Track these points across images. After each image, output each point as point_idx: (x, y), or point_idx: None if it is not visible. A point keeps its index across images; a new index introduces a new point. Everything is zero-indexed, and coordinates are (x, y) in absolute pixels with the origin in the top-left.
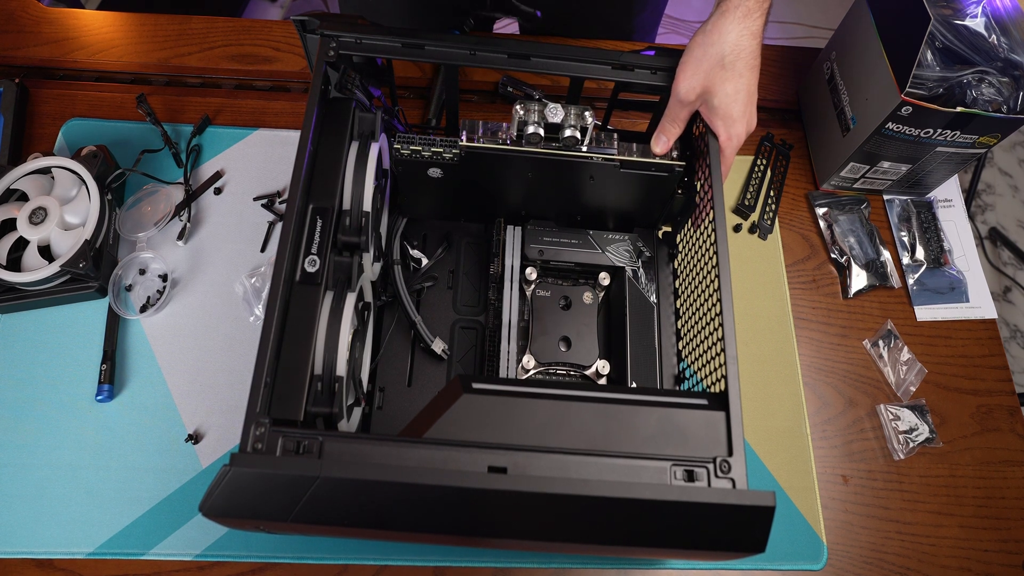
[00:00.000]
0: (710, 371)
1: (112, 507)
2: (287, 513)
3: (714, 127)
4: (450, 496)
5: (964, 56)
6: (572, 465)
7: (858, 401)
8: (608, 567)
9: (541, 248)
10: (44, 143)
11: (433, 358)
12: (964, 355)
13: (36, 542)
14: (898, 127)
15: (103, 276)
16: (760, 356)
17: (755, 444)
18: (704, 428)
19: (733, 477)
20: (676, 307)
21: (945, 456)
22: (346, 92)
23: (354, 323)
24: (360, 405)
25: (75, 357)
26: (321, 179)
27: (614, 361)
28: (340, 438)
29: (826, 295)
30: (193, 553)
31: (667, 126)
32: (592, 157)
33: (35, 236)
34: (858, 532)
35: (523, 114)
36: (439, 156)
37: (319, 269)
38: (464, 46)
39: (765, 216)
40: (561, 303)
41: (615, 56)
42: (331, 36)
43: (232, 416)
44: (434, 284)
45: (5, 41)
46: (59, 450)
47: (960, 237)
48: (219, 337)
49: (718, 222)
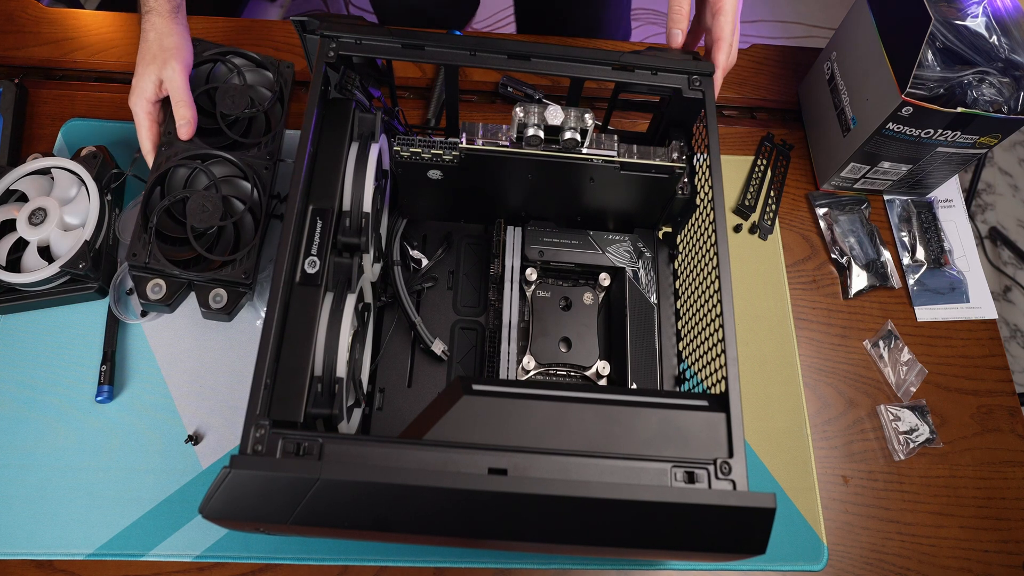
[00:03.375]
0: (710, 372)
1: (112, 508)
2: (287, 515)
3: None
4: (450, 498)
5: (965, 56)
6: (572, 467)
7: (858, 402)
8: (608, 568)
9: (541, 249)
10: (44, 143)
11: (433, 359)
12: (964, 355)
13: (36, 543)
14: (898, 127)
15: (103, 277)
16: (760, 357)
17: (755, 445)
18: (704, 429)
19: (734, 479)
20: (676, 308)
21: (945, 457)
22: (346, 93)
23: (354, 324)
24: (360, 406)
25: (75, 358)
26: (321, 180)
27: (614, 362)
28: (340, 440)
29: (826, 295)
30: (193, 554)
31: (675, 18)
32: (592, 159)
33: (35, 237)
34: (858, 533)
35: (523, 116)
36: (439, 158)
37: (319, 270)
38: (464, 46)
39: (765, 216)
40: (561, 304)
41: (615, 56)
42: (331, 37)
43: (232, 417)
44: (434, 285)
45: (5, 41)
46: (59, 451)
47: (960, 237)
48: (219, 338)
49: (718, 222)
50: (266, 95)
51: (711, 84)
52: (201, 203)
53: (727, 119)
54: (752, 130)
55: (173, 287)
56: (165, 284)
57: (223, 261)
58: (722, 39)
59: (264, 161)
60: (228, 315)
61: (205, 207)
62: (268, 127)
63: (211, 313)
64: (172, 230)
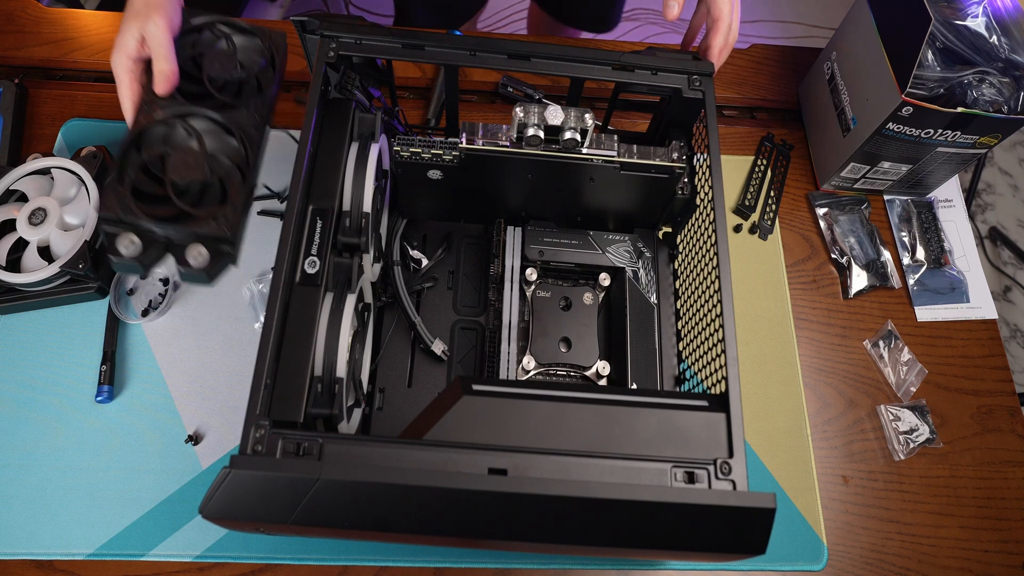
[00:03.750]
0: (710, 372)
1: (112, 508)
2: (287, 515)
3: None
4: (450, 498)
5: (965, 56)
6: (572, 467)
7: (858, 402)
8: (608, 568)
9: (541, 249)
10: (43, 143)
11: (433, 359)
12: (964, 355)
13: (36, 543)
14: (898, 127)
15: (103, 277)
16: (760, 357)
17: (755, 445)
18: (704, 429)
19: (734, 479)
20: (676, 308)
21: (945, 457)
22: (346, 93)
23: (354, 324)
24: (360, 406)
25: (75, 358)
26: (321, 180)
27: (614, 362)
28: (340, 440)
29: (826, 295)
30: (193, 554)
31: None
32: (592, 159)
33: (35, 237)
34: (858, 533)
35: (523, 116)
36: (439, 158)
37: (319, 270)
38: (464, 46)
39: (765, 216)
40: (561, 304)
41: (615, 56)
42: (331, 37)
43: (232, 417)
44: (434, 285)
45: (5, 41)
46: (59, 451)
47: (960, 237)
48: (219, 338)
49: (718, 222)
50: (256, 60)
51: (711, 84)
52: (183, 157)
53: (727, 119)
54: (752, 130)
55: (149, 245)
56: (140, 240)
57: (205, 214)
58: (721, 19)
59: (253, 122)
60: (209, 277)
61: (187, 161)
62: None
63: (191, 274)
64: (152, 188)
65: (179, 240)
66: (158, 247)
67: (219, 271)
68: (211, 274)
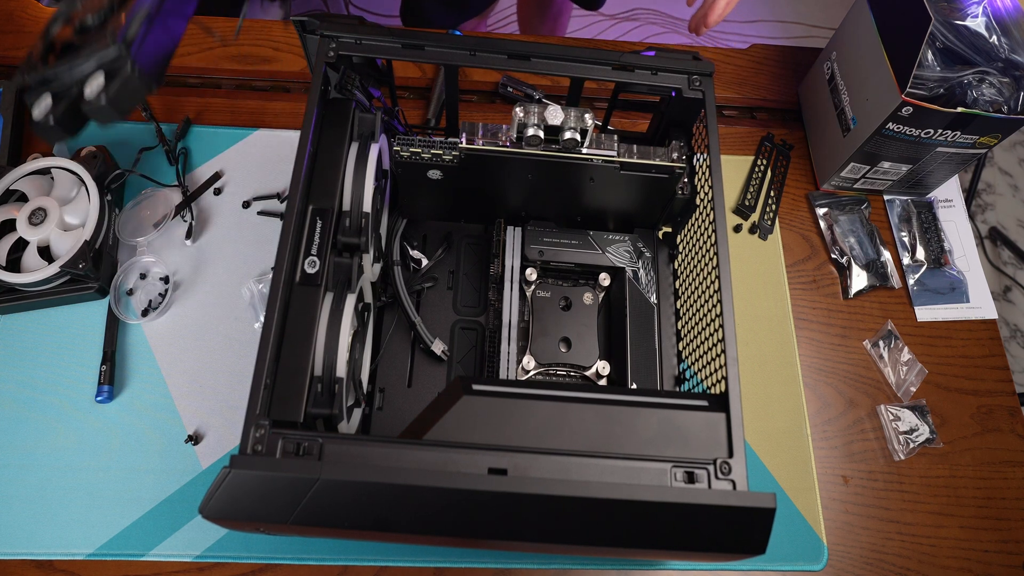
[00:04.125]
0: (710, 372)
1: (112, 508)
2: (287, 515)
3: None
4: (450, 498)
5: (965, 56)
6: (572, 467)
7: (858, 402)
8: (608, 568)
9: (541, 249)
10: (43, 144)
11: (433, 359)
12: (964, 355)
13: (35, 543)
14: (898, 127)
15: (103, 277)
16: (760, 357)
17: (755, 445)
18: (704, 429)
19: (733, 479)
20: (676, 308)
21: (945, 457)
22: (346, 93)
23: (354, 324)
24: (360, 406)
25: (75, 358)
26: (321, 180)
27: (614, 362)
28: (340, 440)
29: (826, 295)
30: (193, 554)
31: None
32: (592, 159)
33: (35, 237)
34: (858, 533)
35: (523, 116)
36: (439, 158)
37: (319, 270)
38: (464, 46)
39: (765, 216)
40: (561, 304)
41: (615, 56)
42: (331, 37)
43: (232, 417)
44: (434, 285)
45: (5, 41)
46: (59, 451)
47: (960, 237)
48: (219, 338)
49: (718, 222)
50: None
51: (711, 84)
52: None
53: (727, 119)
54: (752, 130)
55: (59, 100)
56: (50, 98)
57: (96, 36)
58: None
59: None
60: (113, 107)
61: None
62: None
63: (94, 108)
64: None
65: (81, 75)
66: (69, 98)
67: (123, 97)
68: (114, 101)
